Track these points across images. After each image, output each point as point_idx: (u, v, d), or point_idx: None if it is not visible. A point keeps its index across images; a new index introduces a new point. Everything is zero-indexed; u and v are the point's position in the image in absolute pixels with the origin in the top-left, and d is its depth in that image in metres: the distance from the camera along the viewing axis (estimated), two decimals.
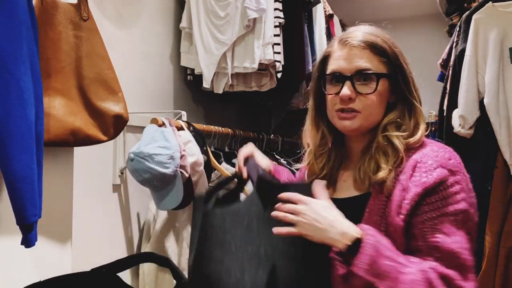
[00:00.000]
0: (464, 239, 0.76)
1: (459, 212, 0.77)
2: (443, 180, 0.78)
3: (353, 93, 0.85)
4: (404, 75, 0.87)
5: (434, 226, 0.76)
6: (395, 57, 0.87)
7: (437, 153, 0.82)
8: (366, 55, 0.85)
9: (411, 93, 0.88)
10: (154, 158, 1.22)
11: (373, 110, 0.86)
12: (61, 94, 1.06)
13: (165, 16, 1.92)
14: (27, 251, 0.97)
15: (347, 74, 0.86)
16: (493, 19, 1.80)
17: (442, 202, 0.77)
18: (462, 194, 0.79)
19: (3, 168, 0.83)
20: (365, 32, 0.87)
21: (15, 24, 0.84)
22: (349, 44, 0.86)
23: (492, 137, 1.77)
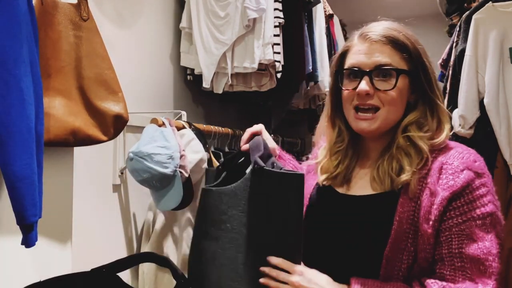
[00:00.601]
0: (493, 244, 0.74)
1: (487, 216, 0.74)
2: (470, 182, 0.76)
3: (371, 88, 0.81)
4: (426, 72, 0.83)
5: (461, 232, 0.74)
6: (417, 54, 0.83)
7: (462, 154, 0.80)
8: (387, 50, 0.82)
9: (433, 91, 0.84)
10: (153, 158, 1.21)
11: (392, 108, 0.82)
12: (61, 94, 1.06)
13: (165, 16, 1.92)
14: (27, 251, 0.97)
15: (365, 69, 0.82)
16: (493, 19, 1.80)
17: (469, 206, 0.75)
18: (489, 197, 0.76)
19: (3, 168, 0.83)
20: (387, 27, 0.84)
21: (15, 24, 0.84)
22: (369, 39, 0.83)
23: (492, 137, 1.78)
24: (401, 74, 0.81)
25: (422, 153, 0.80)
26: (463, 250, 0.73)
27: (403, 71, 0.82)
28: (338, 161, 0.91)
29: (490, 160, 1.79)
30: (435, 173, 0.78)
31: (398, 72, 0.81)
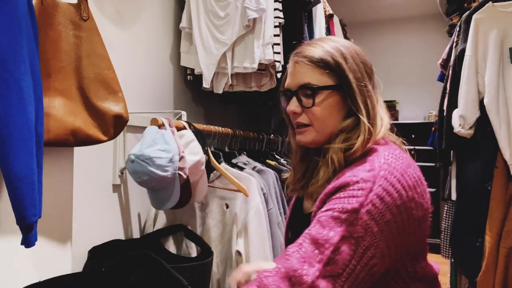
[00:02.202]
0: (336, 236, 0.71)
1: (345, 211, 0.72)
2: (345, 184, 0.75)
3: (298, 107, 0.88)
4: (348, 86, 0.85)
5: (318, 219, 0.75)
6: (338, 69, 0.85)
7: (361, 166, 0.79)
8: (307, 70, 0.87)
9: (356, 104, 0.85)
10: (154, 162, 1.22)
11: (322, 122, 0.87)
12: (61, 94, 1.06)
13: (165, 16, 1.93)
14: (27, 251, 0.97)
15: (293, 89, 0.90)
16: (493, 19, 1.80)
17: (336, 200, 0.75)
18: (361, 199, 0.72)
19: (3, 168, 0.83)
20: (311, 46, 0.89)
21: (15, 24, 0.84)
22: (293, 61, 0.90)
23: (492, 137, 1.77)
24: (319, 91, 0.86)
25: (334, 164, 0.83)
26: (309, 231, 0.74)
27: (322, 87, 0.86)
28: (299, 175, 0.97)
29: (490, 160, 1.79)
30: (335, 180, 0.80)
31: (313, 89, 0.86)
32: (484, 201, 1.78)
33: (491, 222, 1.75)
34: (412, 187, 0.76)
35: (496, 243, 1.73)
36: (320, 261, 0.69)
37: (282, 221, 1.78)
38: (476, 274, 1.78)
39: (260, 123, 2.84)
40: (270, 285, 0.69)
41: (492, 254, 1.73)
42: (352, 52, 0.88)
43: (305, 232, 0.75)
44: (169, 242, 1.63)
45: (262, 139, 2.25)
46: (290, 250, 0.74)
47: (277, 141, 2.49)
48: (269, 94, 2.05)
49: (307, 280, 0.68)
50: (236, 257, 1.54)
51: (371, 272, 0.72)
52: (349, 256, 0.70)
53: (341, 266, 0.70)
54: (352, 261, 0.70)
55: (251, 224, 1.54)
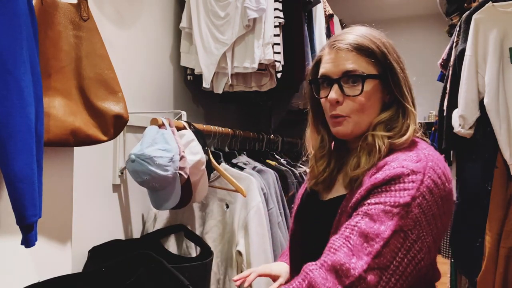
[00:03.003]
0: (387, 230, 0.70)
1: (398, 205, 0.71)
2: (396, 176, 0.74)
3: (340, 96, 0.85)
4: (393, 75, 0.85)
5: (366, 211, 0.73)
6: (383, 57, 0.85)
7: (407, 156, 0.78)
8: (352, 57, 0.84)
9: (402, 93, 0.85)
10: (155, 161, 1.22)
11: (362, 112, 0.85)
12: (61, 94, 1.06)
13: (165, 16, 1.92)
14: (27, 251, 0.97)
15: (334, 77, 0.86)
16: (493, 19, 1.80)
17: (386, 194, 0.73)
18: (412, 191, 0.72)
19: (3, 168, 0.83)
20: (353, 34, 0.87)
21: (15, 24, 0.84)
22: (336, 48, 0.86)
23: (492, 137, 1.77)
24: (367, 79, 0.84)
25: (380, 152, 0.81)
26: (358, 224, 0.72)
27: (370, 75, 0.84)
28: (323, 167, 0.93)
29: (490, 160, 1.79)
30: (374, 170, 0.79)
31: (363, 77, 0.83)
32: (484, 201, 1.78)
33: (491, 222, 1.75)
34: (450, 180, 0.77)
35: (496, 243, 1.73)
36: (369, 254, 0.69)
37: (282, 221, 1.78)
38: (476, 274, 1.78)
39: (260, 123, 2.84)
40: (316, 277, 0.69)
41: (492, 254, 1.73)
42: (390, 42, 0.88)
43: (350, 225, 0.73)
44: (169, 242, 1.63)
45: (262, 139, 2.25)
46: (336, 243, 0.72)
47: (277, 141, 2.49)
48: (269, 94, 2.05)
49: (354, 273, 0.67)
50: (237, 257, 1.54)
51: (418, 266, 0.71)
52: (396, 249, 0.69)
53: (389, 259, 0.69)
54: (399, 253, 0.70)
55: (251, 224, 1.54)
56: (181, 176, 1.31)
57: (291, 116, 2.47)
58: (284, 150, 2.61)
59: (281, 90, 2.03)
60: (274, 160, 2.21)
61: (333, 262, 0.69)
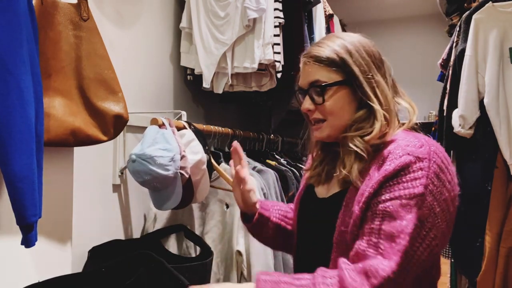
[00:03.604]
0: (409, 224, 0.74)
1: (413, 196, 0.75)
2: (405, 166, 0.77)
3: (311, 105, 0.93)
4: (354, 78, 0.89)
5: (385, 210, 0.76)
6: (343, 64, 0.89)
7: (409, 142, 0.82)
8: (315, 69, 0.91)
9: (365, 94, 0.89)
10: (156, 161, 1.22)
11: (333, 117, 0.91)
12: (61, 94, 1.06)
13: (165, 16, 1.93)
14: (27, 251, 0.97)
15: (304, 88, 0.94)
16: (493, 19, 1.80)
17: (399, 186, 0.77)
18: (423, 180, 0.76)
19: (3, 168, 0.83)
20: (316, 46, 0.94)
21: (15, 24, 0.84)
22: (303, 62, 0.95)
23: (492, 137, 1.77)
24: (327, 87, 0.90)
25: (355, 150, 0.86)
26: (382, 227, 0.76)
27: (331, 84, 0.90)
28: (316, 163, 1.02)
29: (490, 160, 1.79)
30: (379, 161, 0.83)
31: (322, 87, 0.90)
32: (484, 201, 1.78)
33: (491, 222, 1.75)
34: (450, 163, 0.82)
35: (496, 243, 1.73)
36: (397, 253, 0.73)
37: None
38: (476, 274, 1.78)
39: (260, 123, 2.84)
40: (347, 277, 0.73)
41: (492, 254, 1.73)
42: (358, 46, 0.92)
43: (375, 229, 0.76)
44: (169, 242, 1.63)
45: (262, 139, 2.25)
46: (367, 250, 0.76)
47: (277, 141, 2.49)
48: (269, 94, 2.05)
49: (383, 274, 0.71)
50: (237, 257, 1.54)
51: (433, 252, 0.76)
52: (414, 239, 0.74)
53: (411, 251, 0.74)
54: (416, 243, 0.74)
55: None
56: (182, 175, 1.31)
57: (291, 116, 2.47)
58: (284, 150, 2.61)
59: (281, 90, 2.03)
60: (274, 160, 2.20)
61: (364, 265, 0.74)
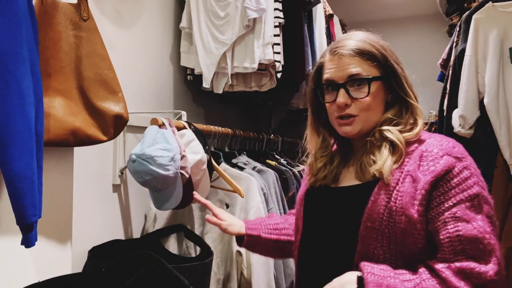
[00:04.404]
0: (485, 223, 0.78)
1: (474, 197, 0.79)
2: (451, 167, 0.81)
3: (347, 99, 0.90)
4: (395, 75, 0.91)
5: (454, 216, 0.78)
6: (384, 60, 0.90)
7: (441, 142, 0.85)
8: (356, 62, 0.90)
9: (405, 91, 0.91)
10: (156, 161, 1.22)
11: (369, 112, 0.91)
12: (61, 94, 1.06)
13: (165, 16, 1.92)
14: (27, 251, 0.97)
15: (339, 81, 0.91)
16: (493, 19, 1.80)
17: (456, 190, 0.79)
18: (473, 179, 0.81)
19: (3, 168, 0.83)
20: (353, 39, 0.92)
21: (15, 24, 0.84)
22: (338, 54, 0.91)
23: (492, 137, 1.78)
24: (372, 81, 0.89)
25: (394, 144, 0.87)
26: (460, 233, 0.77)
27: (374, 78, 0.89)
28: (322, 164, 0.99)
29: (490, 160, 1.79)
30: (415, 161, 0.84)
31: (369, 80, 0.89)
32: None
33: None
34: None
35: None
36: (491, 253, 0.76)
37: None
38: None
39: (260, 123, 2.84)
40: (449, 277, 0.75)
41: None
42: (387, 45, 0.93)
43: (453, 237, 0.77)
44: (169, 242, 1.63)
45: (262, 139, 2.25)
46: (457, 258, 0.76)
47: (277, 141, 2.49)
48: (269, 94, 2.05)
49: (487, 278, 0.74)
50: (237, 257, 1.54)
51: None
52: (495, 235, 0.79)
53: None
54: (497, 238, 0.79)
55: None
56: (182, 175, 1.31)
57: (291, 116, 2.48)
58: (284, 150, 2.61)
59: (281, 90, 2.03)
60: (274, 160, 2.21)
61: (464, 270, 0.75)
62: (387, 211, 0.82)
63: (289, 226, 1.15)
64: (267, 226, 1.13)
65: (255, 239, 1.11)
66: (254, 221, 1.16)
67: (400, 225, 0.80)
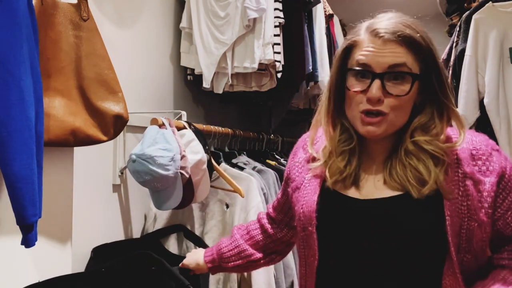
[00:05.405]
0: None
1: None
2: (502, 162, 0.78)
3: (382, 94, 0.75)
4: (438, 75, 0.77)
5: None
6: (431, 55, 0.76)
7: (478, 137, 0.80)
8: (402, 51, 0.74)
9: (445, 94, 0.77)
10: (156, 161, 1.22)
11: (400, 112, 0.77)
12: (61, 94, 1.06)
13: (165, 16, 1.92)
14: (27, 251, 0.97)
15: (377, 70, 0.75)
16: (493, 19, 1.80)
17: (509, 184, 0.77)
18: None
19: (3, 168, 0.83)
20: (400, 23, 0.76)
21: (15, 24, 0.84)
22: (380, 36, 0.75)
23: (492, 137, 1.77)
24: (417, 78, 0.76)
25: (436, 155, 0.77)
26: None
27: (420, 74, 0.76)
28: (345, 162, 0.84)
29: None
30: (468, 161, 0.77)
31: (414, 76, 0.75)
32: None
33: None
34: None
35: None
36: None
37: None
38: None
39: (260, 123, 2.84)
40: None
41: None
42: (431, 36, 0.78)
43: None
44: (169, 242, 1.63)
45: (262, 139, 2.25)
46: None
47: (277, 141, 2.49)
48: (269, 94, 2.05)
49: None
50: None
51: None
52: None
53: None
54: None
55: None
56: (182, 175, 1.31)
57: (291, 116, 2.47)
58: (284, 150, 2.61)
59: (281, 90, 2.02)
60: (274, 160, 2.20)
61: None
62: (464, 222, 0.75)
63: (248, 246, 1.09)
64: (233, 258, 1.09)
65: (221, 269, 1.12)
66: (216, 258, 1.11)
67: (473, 232, 0.75)
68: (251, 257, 1.08)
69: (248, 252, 1.08)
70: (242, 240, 1.11)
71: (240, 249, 1.09)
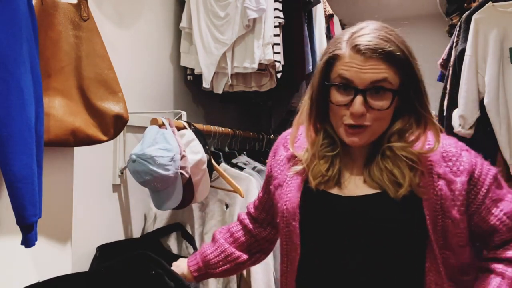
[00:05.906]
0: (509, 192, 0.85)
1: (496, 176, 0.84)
2: (472, 160, 0.83)
3: (365, 108, 0.78)
4: (417, 86, 0.80)
5: (491, 199, 0.82)
6: (410, 67, 0.78)
7: (448, 140, 0.86)
8: (383, 67, 0.76)
9: (422, 104, 0.80)
10: (156, 161, 1.22)
11: (382, 122, 0.81)
12: (61, 94, 1.06)
13: (165, 16, 1.92)
14: (27, 251, 0.97)
15: (360, 87, 0.77)
16: (493, 19, 1.80)
17: (482, 177, 0.83)
18: (485, 162, 0.85)
19: (3, 168, 0.83)
20: (381, 38, 0.76)
21: (15, 24, 0.84)
22: (362, 52, 0.76)
23: (492, 137, 1.77)
24: (398, 93, 0.78)
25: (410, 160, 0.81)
26: (505, 211, 0.82)
27: (400, 89, 0.78)
28: (328, 165, 0.87)
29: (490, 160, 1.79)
30: (440, 163, 0.82)
31: (394, 93, 0.77)
32: None
33: None
34: None
35: None
36: None
37: None
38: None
39: (260, 123, 2.84)
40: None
41: None
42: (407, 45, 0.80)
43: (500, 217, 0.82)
44: (169, 242, 1.63)
45: (262, 139, 2.25)
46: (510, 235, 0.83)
47: None
48: (269, 94, 2.05)
49: None
50: None
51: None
52: None
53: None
54: None
55: None
56: (182, 175, 1.31)
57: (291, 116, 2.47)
58: None
59: (281, 90, 2.02)
60: None
61: None
62: (439, 219, 0.79)
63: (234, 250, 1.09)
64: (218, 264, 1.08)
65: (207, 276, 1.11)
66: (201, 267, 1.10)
67: (447, 228, 0.80)
68: (238, 260, 1.08)
69: (235, 255, 1.08)
70: (227, 244, 1.09)
71: (227, 253, 1.08)
